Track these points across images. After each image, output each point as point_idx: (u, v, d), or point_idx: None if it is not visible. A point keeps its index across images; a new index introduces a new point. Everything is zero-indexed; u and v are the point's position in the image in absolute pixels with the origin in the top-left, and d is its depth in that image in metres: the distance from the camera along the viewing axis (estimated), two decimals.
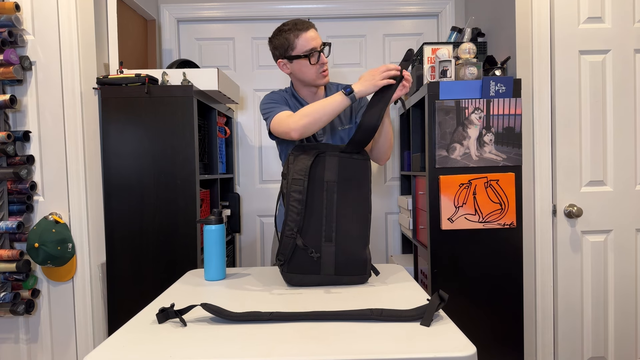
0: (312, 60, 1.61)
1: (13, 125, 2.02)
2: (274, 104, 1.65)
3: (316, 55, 1.61)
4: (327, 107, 1.44)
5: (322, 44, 1.63)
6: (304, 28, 1.60)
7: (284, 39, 1.61)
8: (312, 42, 1.60)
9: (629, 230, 2.08)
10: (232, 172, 2.87)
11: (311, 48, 1.60)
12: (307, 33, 1.60)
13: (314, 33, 1.62)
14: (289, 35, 1.60)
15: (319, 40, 1.62)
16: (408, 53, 1.47)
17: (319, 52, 1.61)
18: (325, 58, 1.64)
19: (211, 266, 1.46)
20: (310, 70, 1.64)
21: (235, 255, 2.94)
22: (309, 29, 1.60)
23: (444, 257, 2.02)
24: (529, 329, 2.12)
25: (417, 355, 0.86)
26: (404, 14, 2.92)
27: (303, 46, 1.60)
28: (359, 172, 1.40)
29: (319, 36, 1.64)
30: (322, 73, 1.65)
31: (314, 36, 1.61)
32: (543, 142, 2.07)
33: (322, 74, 1.65)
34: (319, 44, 1.62)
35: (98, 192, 2.10)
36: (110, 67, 2.17)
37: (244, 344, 0.92)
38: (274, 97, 1.70)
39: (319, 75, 1.66)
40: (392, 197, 3.00)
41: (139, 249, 2.04)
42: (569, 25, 2.05)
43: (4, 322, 2.07)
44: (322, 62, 1.63)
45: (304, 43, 1.60)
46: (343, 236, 1.37)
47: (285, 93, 1.75)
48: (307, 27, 1.61)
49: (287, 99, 1.72)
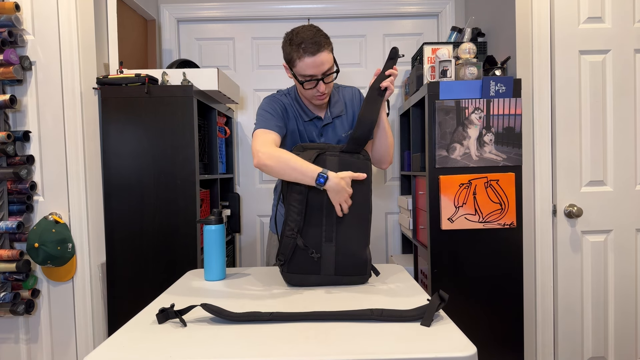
0: (306, 86, 1.51)
1: (13, 125, 2.02)
2: (268, 116, 1.56)
3: (313, 83, 1.49)
4: (296, 169, 1.33)
5: (326, 72, 1.48)
6: (309, 52, 1.43)
7: (289, 51, 1.48)
8: (312, 69, 1.46)
9: (629, 230, 2.08)
10: (232, 172, 2.87)
11: (309, 75, 1.47)
12: (311, 59, 1.44)
13: (321, 59, 1.45)
14: (293, 52, 1.46)
15: (323, 68, 1.46)
16: (393, 51, 1.44)
17: (319, 80, 1.48)
18: (323, 87, 1.50)
19: (211, 266, 1.46)
20: (305, 92, 1.55)
21: (235, 255, 2.94)
22: (316, 54, 1.44)
23: (444, 257, 2.02)
24: (529, 329, 2.12)
25: (417, 355, 0.86)
26: (404, 14, 2.92)
27: (302, 69, 1.47)
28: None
29: (327, 61, 1.47)
30: (317, 96, 1.54)
31: (318, 63, 1.45)
32: (543, 142, 2.07)
33: (316, 97, 1.54)
34: (320, 72, 1.47)
35: (98, 192, 2.10)
36: (110, 67, 2.17)
37: (244, 344, 0.92)
38: (272, 106, 1.60)
39: (313, 97, 1.55)
40: (392, 197, 3.00)
41: (139, 249, 2.04)
42: (569, 25, 2.05)
43: (4, 322, 2.07)
44: (318, 90, 1.51)
45: (304, 67, 1.46)
46: (343, 236, 1.37)
47: (287, 97, 1.66)
48: (315, 51, 1.43)
49: (286, 107, 1.62)
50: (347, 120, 1.70)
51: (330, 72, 1.50)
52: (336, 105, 1.67)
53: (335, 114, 1.67)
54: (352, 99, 1.71)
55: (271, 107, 1.59)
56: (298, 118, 1.65)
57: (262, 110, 1.60)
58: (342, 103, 1.69)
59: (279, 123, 1.57)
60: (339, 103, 1.68)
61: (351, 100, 1.71)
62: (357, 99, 1.72)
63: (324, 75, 1.48)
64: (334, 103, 1.67)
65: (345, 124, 1.70)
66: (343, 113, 1.68)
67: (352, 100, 1.71)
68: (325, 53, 1.46)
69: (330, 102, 1.67)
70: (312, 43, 1.44)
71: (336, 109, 1.67)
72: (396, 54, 1.44)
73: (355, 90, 1.74)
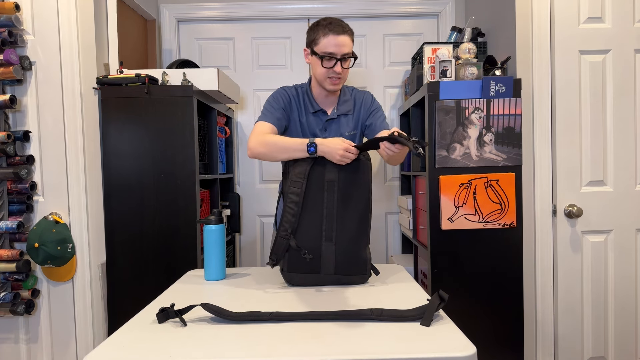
0: (325, 64, 1.59)
1: (13, 125, 2.02)
2: (270, 108, 1.65)
3: (332, 61, 1.58)
4: (287, 147, 1.42)
5: (345, 54, 1.57)
6: (335, 31, 1.55)
7: (315, 32, 1.60)
8: (334, 47, 1.56)
9: (629, 230, 2.08)
10: (232, 172, 2.87)
11: (330, 52, 1.57)
12: (334, 37, 1.55)
13: (343, 40, 1.56)
14: (319, 31, 1.58)
15: (343, 49, 1.57)
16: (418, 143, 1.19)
17: (337, 60, 1.57)
18: (339, 68, 1.59)
19: (211, 266, 1.46)
20: (320, 70, 1.61)
21: (235, 255, 2.93)
22: (340, 35, 1.55)
23: (444, 257, 2.02)
24: (529, 329, 2.12)
25: (417, 355, 0.86)
26: (404, 14, 2.92)
27: (324, 46, 1.57)
28: (360, 172, 1.40)
29: (348, 45, 1.58)
30: (329, 79, 1.62)
31: (340, 43, 1.56)
32: (543, 142, 2.07)
33: (329, 79, 1.62)
34: (340, 52, 1.57)
35: (98, 192, 2.10)
36: (110, 67, 2.17)
37: (244, 344, 0.92)
38: (276, 98, 1.69)
39: (327, 80, 1.62)
40: (392, 197, 2.99)
41: (139, 248, 2.04)
42: (569, 25, 2.05)
43: (4, 322, 2.07)
44: (334, 70, 1.59)
45: (326, 44, 1.56)
46: (343, 236, 1.37)
47: (298, 90, 1.73)
48: (339, 32, 1.56)
49: (291, 99, 1.70)
50: (352, 120, 1.74)
51: (348, 56, 1.59)
52: (345, 103, 1.73)
53: (342, 111, 1.72)
54: (363, 101, 1.76)
55: (275, 99, 1.69)
56: (303, 110, 1.71)
57: (267, 102, 1.69)
58: (351, 102, 1.74)
59: (278, 115, 1.65)
60: (348, 102, 1.74)
61: (361, 102, 1.76)
62: (368, 103, 1.75)
63: (343, 57, 1.58)
64: (343, 101, 1.73)
65: (350, 123, 1.74)
66: (350, 112, 1.73)
67: (363, 102, 1.76)
68: (348, 37, 1.58)
69: (339, 99, 1.73)
70: (338, 25, 1.57)
71: (344, 107, 1.73)
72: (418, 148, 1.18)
73: (367, 95, 1.78)
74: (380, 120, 1.72)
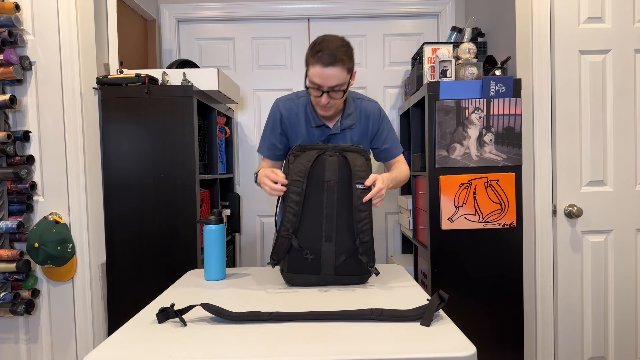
0: (312, 92, 1.53)
1: (13, 125, 2.02)
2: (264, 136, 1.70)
3: (318, 92, 1.50)
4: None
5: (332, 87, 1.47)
6: (322, 62, 1.44)
7: (308, 54, 1.50)
8: (319, 79, 1.47)
9: (629, 230, 2.08)
10: (232, 172, 2.87)
11: (316, 83, 1.48)
12: (321, 69, 1.45)
13: (331, 73, 1.44)
14: (310, 57, 1.48)
15: (330, 82, 1.46)
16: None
17: (323, 92, 1.48)
18: (325, 99, 1.50)
19: (211, 266, 1.46)
20: (312, 97, 1.56)
21: (235, 255, 2.94)
22: (327, 67, 1.44)
23: (444, 257, 2.02)
24: (529, 329, 2.12)
25: (417, 355, 0.86)
26: (404, 14, 2.92)
27: (311, 75, 1.49)
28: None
29: (337, 76, 1.45)
30: (319, 106, 1.55)
31: (326, 76, 1.45)
32: (543, 142, 2.07)
33: (319, 106, 1.55)
34: (327, 85, 1.46)
35: (98, 192, 2.10)
36: (110, 67, 2.17)
37: (244, 344, 0.92)
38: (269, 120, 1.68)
39: (318, 106, 1.56)
40: (392, 197, 2.99)
41: (138, 248, 2.04)
42: (569, 25, 2.05)
43: (4, 322, 2.07)
44: (320, 101, 1.51)
45: (313, 74, 1.48)
46: (343, 236, 1.37)
47: (298, 100, 1.67)
48: (327, 63, 1.43)
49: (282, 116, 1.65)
50: (356, 133, 1.67)
51: (338, 89, 1.48)
52: (349, 117, 1.65)
53: (346, 125, 1.64)
54: (371, 115, 1.67)
55: (268, 122, 1.70)
56: (305, 122, 1.65)
57: (266, 125, 1.72)
58: (355, 116, 1.66)
59: (270, 145, 1.69)
60: (352, 116, 1.65)
61: (367, 116, 1.67)
62: (375, 116, 1.67)
63: (330, 89, 1.48)
64: (346, 115, 1.64)
65: (354, 137, 1.67)
66: (355, 126, 1.66)
67: (367, 115, 1.67)
68: (338, 69, 1.45)
69: (343, 112, 1.65)
70: (328, 55, 1.43)
71: (348, 121, 1.64)
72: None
73: (375, 107, 1.69)
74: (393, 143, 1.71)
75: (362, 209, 1.34)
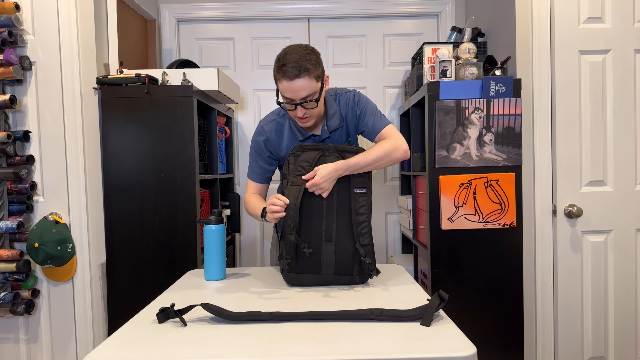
0: (286, 107, 1.48)
1: (13, 125, 2.02)
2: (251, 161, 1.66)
3: (292, 106, 1.45)
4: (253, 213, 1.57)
5: (304, 98, 1.41)
6: (287, 76, 1.39)
7: (274, 70, 1.46)
8: (289, 93, 1.42)
9: (629, 230, 2.08)
10: (232, 172, 2.87)
11: (287, 98, 1.44)
12: (288, 83, 1.40)
13: (299, 85, 1.39)
14: (276, 73, 1.44)
15: (300, 94, 1.41)
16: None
17: (297, 104, 1.43)
18: (301, 112, 1.44)
19: (211, 266, 1.46)
20: (289, 112, 1.51)
21: (235, 255, 2.93)
22: (294, 80, 1.39)
23: (444, 257, 2.02)
24: (529, 329, 2.12)
25: (417, 355, 0.86)
26: (404, 14, 2.92)
27: (281, 91, 1.44)
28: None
29: (306, 87, 1.40)
30: (298, 119, 1.49)
31: (295, 89, 1.40)
32: (543, 142, 2.07)
33: (298, 119, 1.49)
34: (297, 97, 1.41)
35: (98, 192, 2.10)
36: (110, 67, 2.17)
37: (244, 344, 0.92)
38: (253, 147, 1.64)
39: (296, 119, 1.50)
40: (392, 197, 2.99)
41: (139, 248, 2.04)
42: (569, 25, 2.05)
43: (4, 322, 2.07)
44: (297, 114, 1.46)
45: (282, 89, 1.43)
46: (343, 236, 1.37)
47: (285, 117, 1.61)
48: (292, 76, 1.38)
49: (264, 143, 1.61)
50: (345, 131, 1.63)
51: (310, 98, 1.43)
52: (333, 118, 1.58)
53: (333, 127, 1.58)
54: (347, 106, 1.61)
55: (254, 148, 1.65)
56: (293, 137, 1.60)
57: (251, 147, 1.68)
58: (338, 115, 1.59)
59: (261, 171, 1.65)
60: (335, 115, 1.59)
61: (347, 109, 1.61)
62: (351, 105, 1.60)
63: (303, 101, 1.42)
64: (330, 116, 1.58)
65: (343, 135, 1.63)
66: (341, 125, 1.60)
67: (346, 107, 1.61)
68: (306, 79, 1.39)
69: (327, 115, 1.58)
70: (293, 67, 1.38)
71: (333, 122, 1.58)
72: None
73: (350, 95, 1.62)
74: (372, 119, 1.57)
75: (361, 212, 1.36)
